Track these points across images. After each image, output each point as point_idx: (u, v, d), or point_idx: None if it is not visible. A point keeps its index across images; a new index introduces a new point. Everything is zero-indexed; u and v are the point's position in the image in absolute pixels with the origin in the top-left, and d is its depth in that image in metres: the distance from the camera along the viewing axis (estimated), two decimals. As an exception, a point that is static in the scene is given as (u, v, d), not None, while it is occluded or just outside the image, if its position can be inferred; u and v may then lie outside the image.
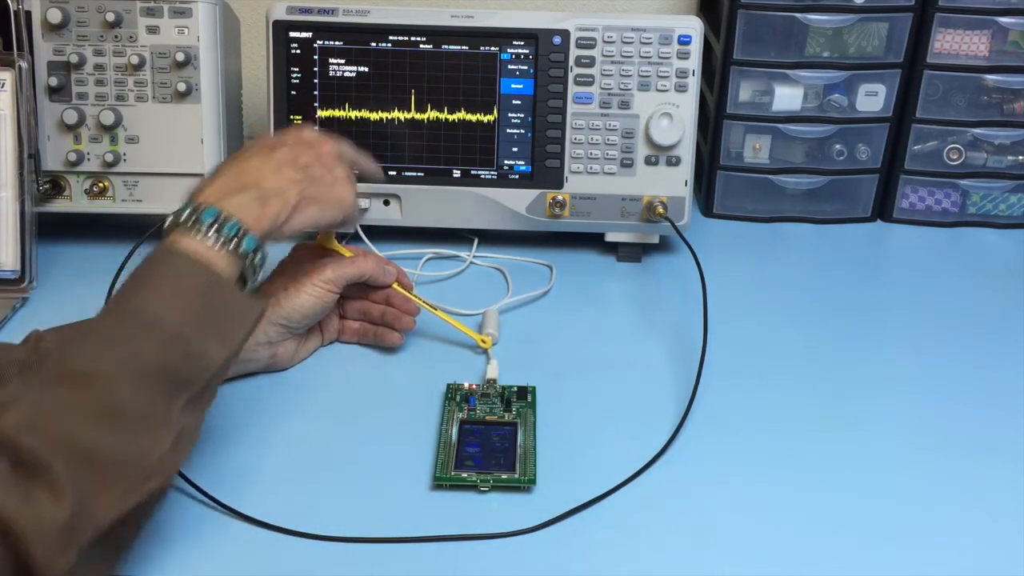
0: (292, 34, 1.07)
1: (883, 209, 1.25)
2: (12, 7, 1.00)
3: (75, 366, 0.63)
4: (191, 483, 0.74)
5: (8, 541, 0.54)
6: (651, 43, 1.05)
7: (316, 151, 0.82)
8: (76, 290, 1.01)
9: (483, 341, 0.93)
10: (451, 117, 1.08)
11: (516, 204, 1.09)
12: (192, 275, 0.68)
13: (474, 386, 0.87)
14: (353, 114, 1.08)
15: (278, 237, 0.77)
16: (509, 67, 1.07)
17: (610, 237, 1.11)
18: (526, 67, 1.06)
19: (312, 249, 0.92)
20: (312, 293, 0.86)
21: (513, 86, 1.07)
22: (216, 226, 0.70)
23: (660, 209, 1.06)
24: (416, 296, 0.94)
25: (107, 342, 0.64)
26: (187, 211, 0.71)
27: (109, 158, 1.05)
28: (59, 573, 0.56)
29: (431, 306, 0.94)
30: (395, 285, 0.93)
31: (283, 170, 0.78)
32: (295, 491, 0.75)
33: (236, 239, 0.71)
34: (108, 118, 1.04)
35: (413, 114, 1.08)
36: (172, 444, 0.64)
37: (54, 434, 0.58)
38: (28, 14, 1.02)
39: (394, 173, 1.09)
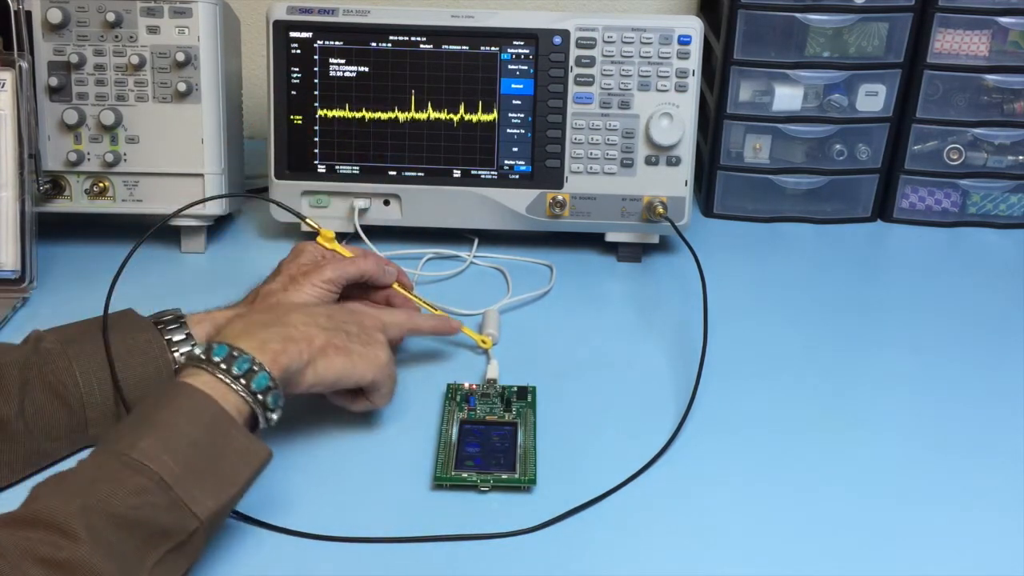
0: (292, 34, 1.07)
1: (883, 209, 1.25)
2: (12, 7, 0.99)
3: (37, 509, 0.57)
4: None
5: None
6: (651, 43, 1.05)
7: (357, 317, 0.80)
8: (76, 290, 1.01)
9: (483, 341, 0.93)
10: (451, 117, 1.08)
11: (516, 204, 1.09)
12: (195, 411, 0.65)
13: (474, 386, 0.87)
14: (353, 114, 1.08)
15: (298, 384, 0.73)
16: (509, 67, 1.07)
17: (610, 237, 1.11)
18: (526, 67, 1.06)
19: (312, 249, 0.92)
20: (312, 293, 0.86)
21: (513, 86, 1.07)
22: (227, 361, 0.67)
23: (660, 209, 1.06)
24: (416, 296, 0.94)
25: (83, 485, 0.59)
26: (202, 347, 0.69)
27: (109, 158, 1.05)
28: None
29: (431, 306, 0.94)
30: (395, 285, 0.93)
31: (317, 319, 0.76)
32: (295, 491, 0.75)
33: (247, 375, 0.67)
34: (108, 118, 1.04)
35: (413, 114, 1.08)
36: None
37: None
38: (28, 14, 1.02)
39: (394, 173, 1.09)
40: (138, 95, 1.05)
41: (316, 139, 1.09)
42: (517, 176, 1.09)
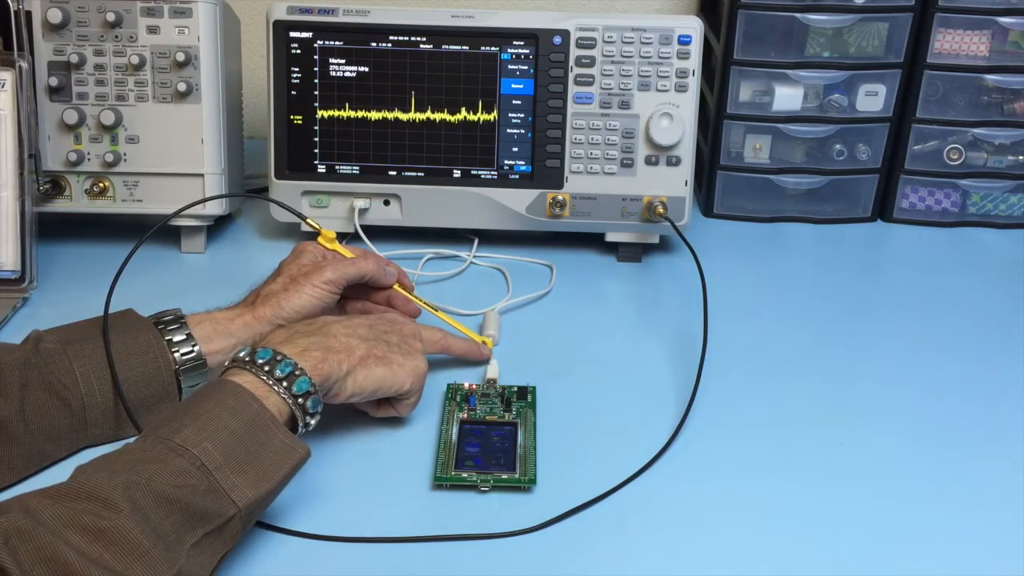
0: (292, 34, 1.07)
1: (883, 209, 1.25)
2: (12, 7, 0.99)
3: (83, 482, 0.59)
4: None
5: None
6: (651, 43, 1.05)
7: (397, 327, 0.82)
8: (76, 290, 1.01)
9: (484, 343, 0.93)
10: (451, 117, 1.08)
11: (516, 204, 1.09)
12: (237, 407, 0.67)
13: (474, 386, 0.87)
14: (353, 114, 1.08)
15: (337, 394, 0.75)
16: (509, 67, 1.07)
17: (610, 237, 1.11)
18: (526, 67, 1.06)
19: (312, 249, 0.92)
20: (313, 294, 0.86)
21: (513, 86, 1.07)
22: (270, 363, 0.70)
23: (660, 209, 1.06)
24: (417, 297, 0.94)
25: (126, 464, 0.61)
26: (246, 350, 0.71)
27: (109, 158, 1.05)
28: None
29: (432, 307, 0.94)
30: (396, 286, 0.93)
31: (357, 330, 0.78)
32: (294, 491, 0.75)
33: (289, 379, 0.70)
34: (108, 118, 1.04)
35: (413, 114, 1.08)
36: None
37: (38, 547, 0.54)
38: (28, 14, 1.02)
39: (394, 173, 1.09)
40: (138, 95, 1.05)
41: (316, 139, 1.09)
42: (517, 176, 1.09)
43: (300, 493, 0.75)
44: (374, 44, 1.07)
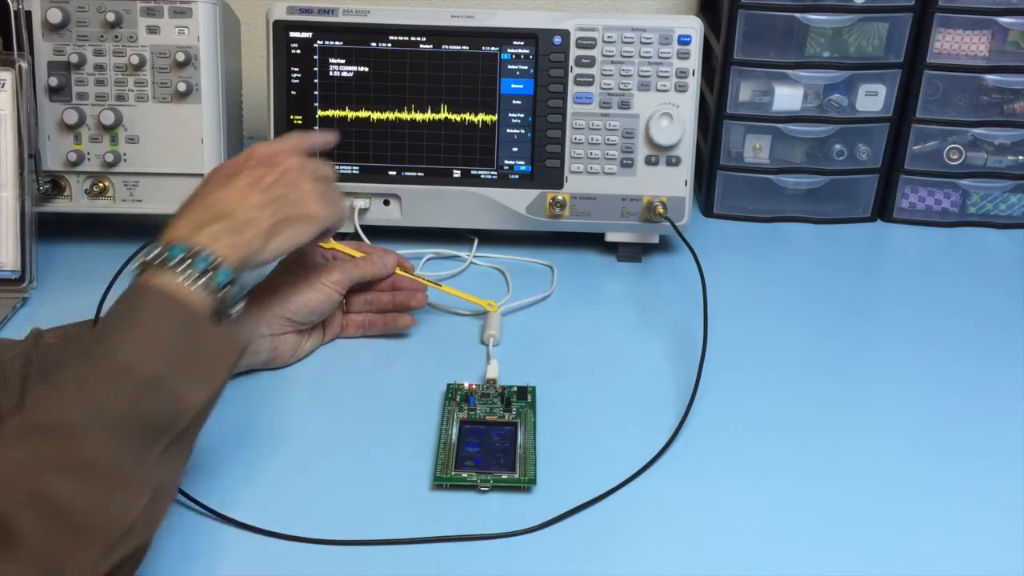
0: (292, 34, 1.07)
1: (883, 209, 1.25)
2: (12, 7, 0.99)
3: (41, 419, 0.59)
4: (184, 494, 0.74)
5: None
6: (651, 43, 1.05)
7: (276, 169, 0.79)
8: (76, 290, 1.00)
9: (490, 305, 0.97)
10: (451, 117, 1.08)
11: (516, 204, 1.09)
12: (165, 314, 0.65)
13: (474, 386, 0.87)
14: (353, 114, 1.08)
15: (257, 265, 0.75)
16: (509, 67, 1.07)
17: (610, 237, 1.11)
18: (526, 67, 1.06)
19: (316, 245, 0.92)
20: (320, 291, 0.88)
21: (513, 86, 1.07)
22: (188, 261, 0.67)
23: (660, 209, 1.06)
24: (419, 276, 0.97)
25: (76, 391, 0.61)
26: (156, 249, 0.68)
27: (109, 158, 1.05)
28: None
29: (435, 283, 0.97)
30: (397, 270, 0.95)
31: (249, 196, 0.76)
32: (294, 492, 0.75)
33: (209, 273, 0.68)
34: (108, 118, 1.04)
35: (413, 114, 1.08)
36: (148, 502, 0.59)
37: (19, 489, 0.55)
38: (28, 14, 1.02)
39: (394, 173, 1.09)
40: (138, 95, 1.05)
41: (316, 139, 1.09)
42: (517, 176, 1.09)
43: (299, 494, 0.75)
44: (374, 44, 1.07)
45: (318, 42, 1.07)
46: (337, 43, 1.07)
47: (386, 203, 1.10)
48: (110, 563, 0.56)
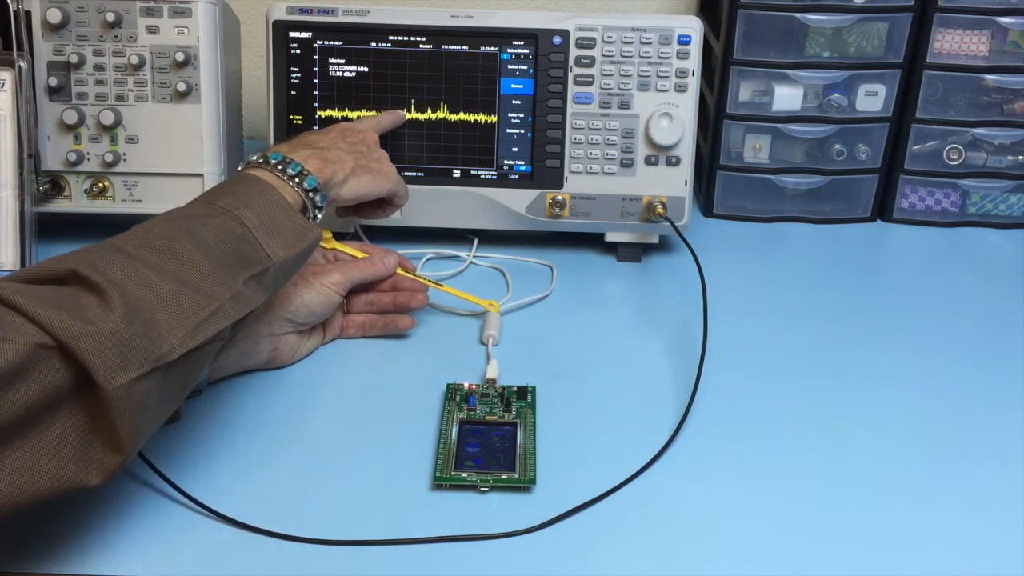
0: (292, 34, 1.07)
1: (883, 209, 1.25)
2: (12, 7, 0.99)
3: (146, 229, 0.70)
4: (185, 494, 0.74)
5: (67, 358, 0.58)
6: (651, 43, 1.05)
7: (359, 135, 0.95)
8: (76, 290, 1.00)
9: (490, 305, 0.97)
10: (451, 117, 1.08)
11: (516, 204, 1.09)
12: (261, 190, 0.77)
13: (474, 386, 0.87)
14: (353, 114, 1.08)
15: (336, 198, 0.87)
16: (509, 67, 1.07)
17: (610, 237, 1.11)
18: (526, 67, 1.06)
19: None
20: (320, 292, 0.89)
21: (513, 86, 1.07)
22: (283, 164, 0.80)
23: (660, 209, 1.06)
24: (420, 276, 0.97)
25: (177, 217, 0.72)
26: (256, 155, 0.81)
27: (109, 158, 1.05)
28: (121, 391, 0.59)
29: (436, 283, 0.97)
30: (399, 271, 0.95)
31: (337, 143, 0.90)
32: (294, 492, 0.75)
33: (299, 176, 0.80)
34: (108, 118, 1.04)
35: (413, 114, 1.08)
36: (232, 298, 0.69)
37: (117, 267, 0.64)
38: (28, 14, 1.02)
39: (394, 173, 1.09)
40: (138, 95, 1.05)
41: (316, 139, 1.08)
42: (517, 176, 1.09)
43: (299, 494, 0.75)
44: (374, 44, 1.07)
45: (318, 42, 1.07)
46: (337, 43, 1.07)
47: (386, 203, 1.10)
48: (197, 337, 0.65)
